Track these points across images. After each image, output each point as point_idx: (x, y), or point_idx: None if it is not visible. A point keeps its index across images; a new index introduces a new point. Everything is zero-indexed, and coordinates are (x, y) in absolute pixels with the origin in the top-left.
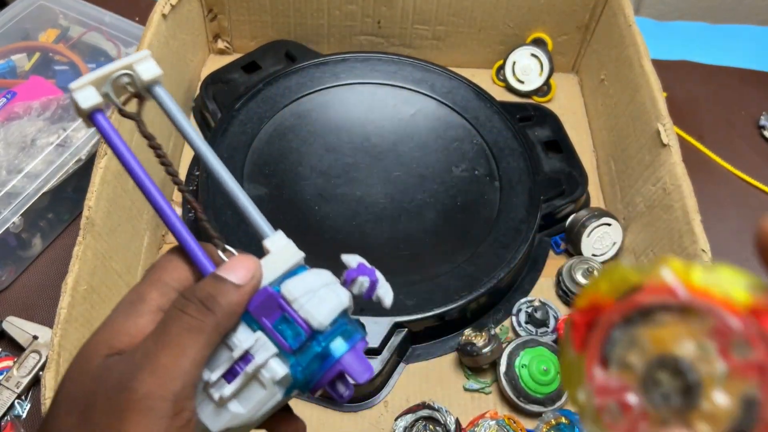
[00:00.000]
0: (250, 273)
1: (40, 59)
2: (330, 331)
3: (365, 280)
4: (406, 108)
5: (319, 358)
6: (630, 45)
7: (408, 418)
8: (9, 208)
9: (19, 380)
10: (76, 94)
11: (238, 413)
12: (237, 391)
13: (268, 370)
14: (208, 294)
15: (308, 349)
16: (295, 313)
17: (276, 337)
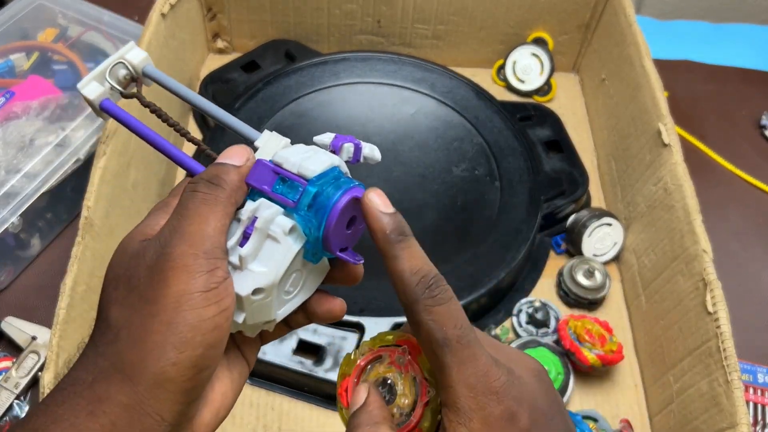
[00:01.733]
0: (245, 156)
1: (39, 59)
2: (325, 175)
3: (350, 145)
4: (406, 107)
5: (319, 199)
6: (631, 44)
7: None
8: (8, 208)
9: (18, 381)
10: (83, 90)
11: (261, 271)
12: (254, 251)
13: (276, 225)
14: (212, 174)
15: (306, 194)
16: (288, 172)
17: (276, 197)
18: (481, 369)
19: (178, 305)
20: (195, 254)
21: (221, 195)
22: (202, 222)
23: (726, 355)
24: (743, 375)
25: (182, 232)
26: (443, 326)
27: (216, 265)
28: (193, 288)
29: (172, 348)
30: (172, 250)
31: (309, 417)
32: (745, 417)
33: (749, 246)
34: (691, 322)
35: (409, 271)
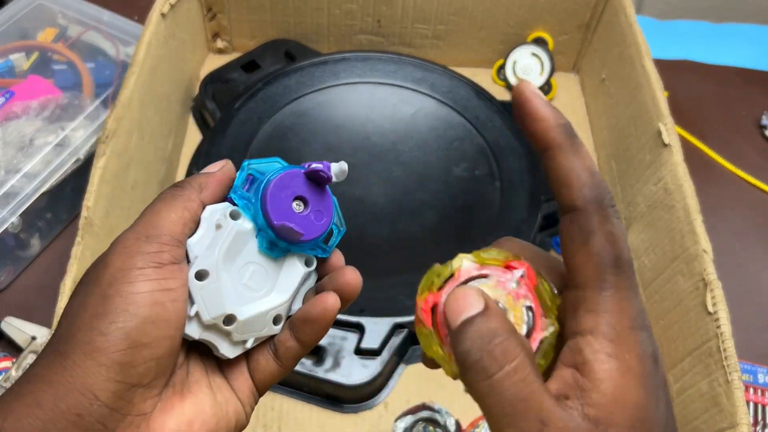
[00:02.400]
0: (219, 165)
1: (39, 58)
2: (264, 163)
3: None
4: (406, 107)
5: (256, 178)
6: (631, 44)
7: (408, 420)
8: (7, 208)
9: None
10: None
11: (203, 254)
12: (200, 240)
13: (221, 213)
14: (178, 182)
15: (241, 173)
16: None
17: (229, 199)
18: (640, 304)
19: (114, 280)
20: (137, 237)
21: (179, 192)
22: (153, 215)
23: (726, 355)
24: (743, 375)
25: (133, 224)
26: (619, 243)
27: (161, 249)
28: (130, 265)
29: (103, 318)
30: (119, 238)
31: (309, 417)
32: (745, 417)
33: (749, 246)
34: (692, 322)
35: (589, 171)
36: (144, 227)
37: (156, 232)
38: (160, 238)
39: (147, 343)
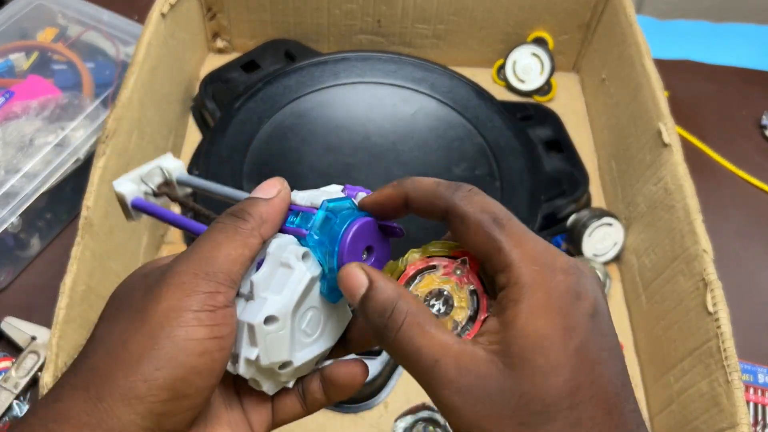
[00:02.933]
0: (276, 188)
1: (39, 58)
2: (336, 203)
3: (363, 194)
4: (406, 107)
5: (331, 223)
6: (631, 44)
7: (408, 420)
8: (7, 208)
9: (18, 381)
10: (118, 188)
11: (274, 298)
12: (267, 278)
13: (289, 252)
14: (238, 208)
15: (318, 218)
16: (300, 206)
17: (290, 230)
18: (541, 244)
19: (165, 320)
20: (195, 273)
21: (242, 225)
22: (213, 247)
23: (726, 355)
24: (743, 375)
25: (190, 254)
26: (489, 209)
27: (218, 289)
28: (185, 305)
29: (148, 363)
30: (175, 268)
31: (309, 417)
32: (745, 417)
33: (750, 246)
34: (692, 322)
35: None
36: (202, 262)
37: (214, 269)
38: (217, 276)
39: (189, 394)
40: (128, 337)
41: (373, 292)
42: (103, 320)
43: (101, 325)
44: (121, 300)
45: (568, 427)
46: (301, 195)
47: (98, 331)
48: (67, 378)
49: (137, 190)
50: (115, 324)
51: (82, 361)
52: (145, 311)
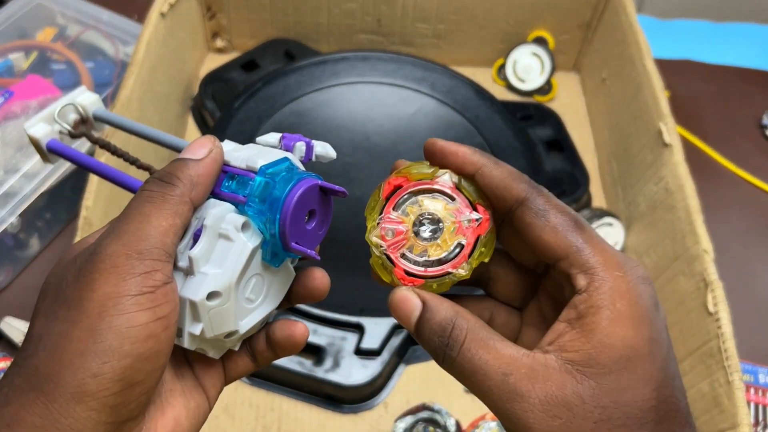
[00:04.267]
0: (207, 148)
1: (38, 58)
2: (275, 168)
3: (301, 143)
4: (407, 107)
5: (272, 190)
6: (632, 43)
7: (408, 420)
8: (7, 208)
9: None
10: (30, 130)
11: (215, 273)
12: (206, 252)
13: (227, 222)
14: (165, 172)
15: (257, 186)
16: (236, 168)
17: (226, 195)
18: (617, 251)
19: (104, 309)
20: (128, 254)
21: (170, 192)
22: (142, 220)
23: (727, 356)
24: (744, 375)
25: (118, 232)
26: (569, 211)
27: (154, 267)
28: (122, 291)
29: (94, 357)
30: (103, 250)
31: (309, 418)
32: (746, 417)
33: (751, 246)
34: (693, 322)
35: (513, 170)
36: (132, 239)
37: (147, 245)
38: (152, 253)
39: (140, 381)
40: (68, 332)
41: (429, 314)
42: (39, 315)
43: (38, 322)
44: (53, 291)
45: None
46: (234, 154)
47: (36, 328)
48: (11, 379)
49: (52, 131)
50: (52, 319)
51: (25, 362)
52: (80, 302)
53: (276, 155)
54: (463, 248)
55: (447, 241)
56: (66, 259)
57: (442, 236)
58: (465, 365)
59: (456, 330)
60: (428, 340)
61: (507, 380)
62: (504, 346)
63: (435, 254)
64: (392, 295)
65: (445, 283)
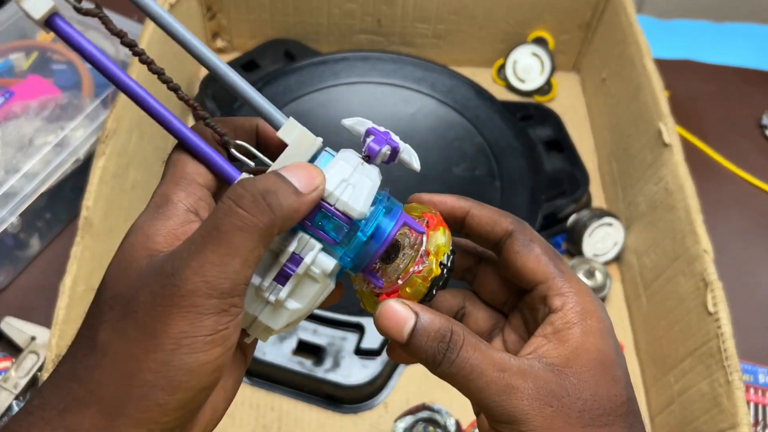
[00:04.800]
0: (314, 185)
1: (38, 58)
2: (371, 215)
3: (387, 148)
4: (407, 107)
5: (367, 242)
6: (632, 44)
7: (408, 420)
8: (7, 208)
9: (17, 381)
10: (23, 3)
11: (296, 309)
12: (291, 291)
13: (317, 266)
14: (266, 190)
15: (354, 240)
16: (332, 208)
17: (318, 233)
18: (581, 281)
19: (177, 347)
20: (208, 294)
21: (266, 222)
22: (230, 253)
23: (727, 356)
24: (744, 375)
25: (202, 262)
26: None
27: (233, 304)
28: (197, 331)
29: (161, 390)
30: (183, 284)
31: (309, 417)
32: (745, 417)
33: (750, 246)
34: (692, 322)
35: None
36: (217, 275)
37: (230, 284)
38: (233, 291)
39: (200, 405)
40: (140, 360)
41: (424, 322)
42: (106, 324)
43: (103, 331)
44: (123, 305)
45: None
46: (327, 183)
47: (101, 336)
48: (68, 383)
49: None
50: (121, 336)
51: (87, 371)
52: (155, 334)
53: (368, 190)
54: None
55: (407, 254)
56: (133, 269)
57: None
58: (463, 365)
59: (455, 335)
60: (425, 347)
61: (502, 376)
62: (494, 350)
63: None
64: (380, 309)
65: (416, 283)
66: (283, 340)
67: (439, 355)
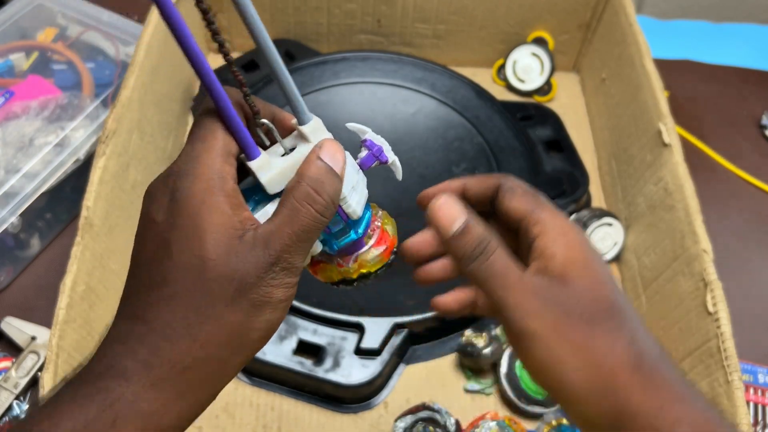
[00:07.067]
0: (341, 163)
1: (39, 58)
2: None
3: (376, 163)
4: (407, 107)
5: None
6: (631, 44)
7: (408, 420)
8: (7, 208)
9: (18, 381)
10: None
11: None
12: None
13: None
14: (316, 183)
15: (346, 236)
16: (341, 210)
17: None
18: (556, 208)
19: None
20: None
21: (320, 215)
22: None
23: (726, 356)
24: (744, 375)
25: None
26: (528, 187)
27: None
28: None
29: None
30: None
31: (309, 417)
32: (745, 417)
33: (750, 246)
34: (692, 322)
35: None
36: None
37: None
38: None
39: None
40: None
41: (472, 224)
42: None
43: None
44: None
45: (616, 328)
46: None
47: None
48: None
49: None
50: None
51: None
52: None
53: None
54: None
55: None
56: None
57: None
58: (492, 267)
59: (492, 243)
60: (465, 245)
61: (523, 278)
62: (515, 264)
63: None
64: (439, 201)
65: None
66: (283, 340)
67: (475, 254)
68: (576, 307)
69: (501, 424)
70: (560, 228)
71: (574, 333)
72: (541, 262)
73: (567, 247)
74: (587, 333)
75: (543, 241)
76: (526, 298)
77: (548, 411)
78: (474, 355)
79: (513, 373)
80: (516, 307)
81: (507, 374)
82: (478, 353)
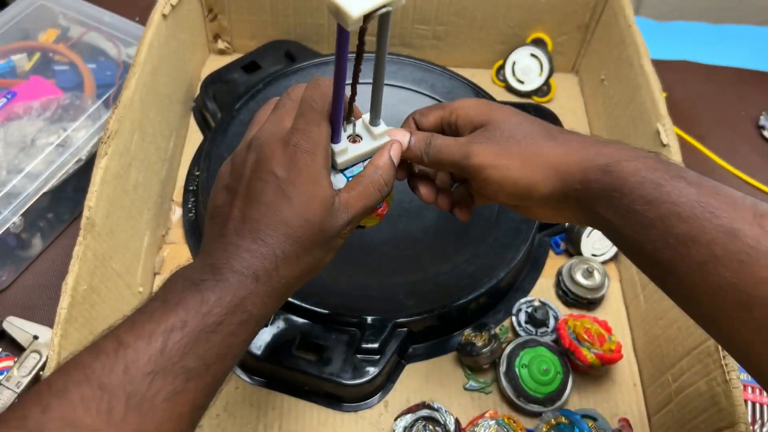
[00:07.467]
0: (398, 159)
1: (40, 59)
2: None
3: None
4: (406, 108)
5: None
6: (630, 45)
7: (408, 418)
8: (9, 208)
9: (20, 380)
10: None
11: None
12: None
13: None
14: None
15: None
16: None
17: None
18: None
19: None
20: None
21: (379, 196)
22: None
23: (724, 355)
24: (742, 374)
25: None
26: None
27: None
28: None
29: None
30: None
31: (309, 416)
32: (743, 416)
33: None
34: (690, 321)
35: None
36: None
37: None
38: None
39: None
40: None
41: (415, 133)
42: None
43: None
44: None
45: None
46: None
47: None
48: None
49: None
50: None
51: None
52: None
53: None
54: None
55: None
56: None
57: None
58: (440, 147)
59: (434, 135)
60: (418, 147)
61: (459, 140)
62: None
63: None
64: (391, 139)
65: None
66: (284, 340)
67: (427, 148)
68: (501, 137)
69: (500, 422)
70: (472, 101)
71: (511, 151)
72: (465, 126)
73: (477, 106)
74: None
75: (462, 114)
76: (469, 148)
77: (547, 410)
78: (473, 354)
79: (512, 372)
80: (464, 157)
81: (506, 373)
82: (477, 352)
